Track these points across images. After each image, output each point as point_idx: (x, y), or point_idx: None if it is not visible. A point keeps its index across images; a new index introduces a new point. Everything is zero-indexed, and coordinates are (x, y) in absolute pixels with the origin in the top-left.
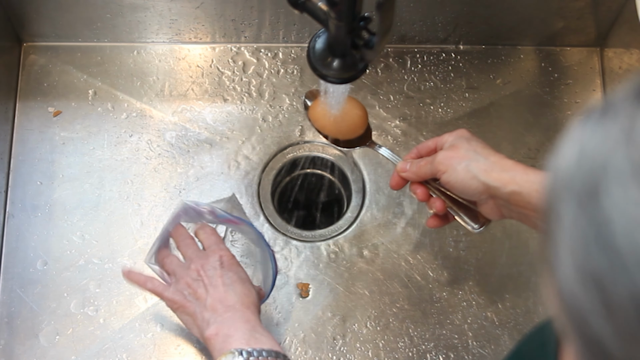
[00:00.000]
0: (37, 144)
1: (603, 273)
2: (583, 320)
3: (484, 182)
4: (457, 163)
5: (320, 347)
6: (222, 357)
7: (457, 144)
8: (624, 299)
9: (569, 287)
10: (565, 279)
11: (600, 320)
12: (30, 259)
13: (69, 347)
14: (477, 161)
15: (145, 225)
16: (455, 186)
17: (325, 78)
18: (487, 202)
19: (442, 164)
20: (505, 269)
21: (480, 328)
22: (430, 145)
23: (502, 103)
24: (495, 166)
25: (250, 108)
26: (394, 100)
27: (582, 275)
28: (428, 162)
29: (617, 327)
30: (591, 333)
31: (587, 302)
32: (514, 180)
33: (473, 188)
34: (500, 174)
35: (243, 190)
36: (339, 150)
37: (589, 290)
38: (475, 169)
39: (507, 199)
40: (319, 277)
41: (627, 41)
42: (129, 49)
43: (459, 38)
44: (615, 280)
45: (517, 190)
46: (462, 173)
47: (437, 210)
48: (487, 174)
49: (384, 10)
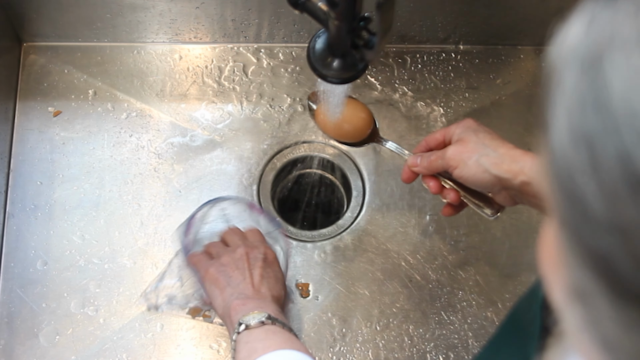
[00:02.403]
0: (37, 144)
1: (595, 133)
2: (570, 178)
3: (496, 175)
4: (467, 158)
5: (320, 347)
6: (249, 314)
7: (465, 137)
8: (611, 158)
9: (561, 146)
10: (559, 139)
11: (586, 178)
12: (30, 259)
13: (69, 347)
14: (487, 154)
15: (145, 225)
16: (468, 180)
17: (325, 78)
18: (500, 192)
19: (453, 159)
20: (505, 269)
21: (480, 328)
22: (439, 137)
23: (502, 103)
24: (505, 158)
25: (250, 108)
26: (394, 100)
27: (575, 136)
28: (439, 157)
29: (601, 184)
30: (577, 191)
31: (576, 160)
32: (523, 171)
33: (485, 181)
34: (510, 165)
35: (243, 190)
36: (339, 151)
37: (579, 149)
38: (486, 162)
39: (518, 189)
40: (319, 277)
41: None
42: (129, 49)
43: (459, 38)
44: (606, 140)
45: (526, 180)
46: (474, 168)
47: (452, 200)
48: (498, 167)
49: (384, 10)
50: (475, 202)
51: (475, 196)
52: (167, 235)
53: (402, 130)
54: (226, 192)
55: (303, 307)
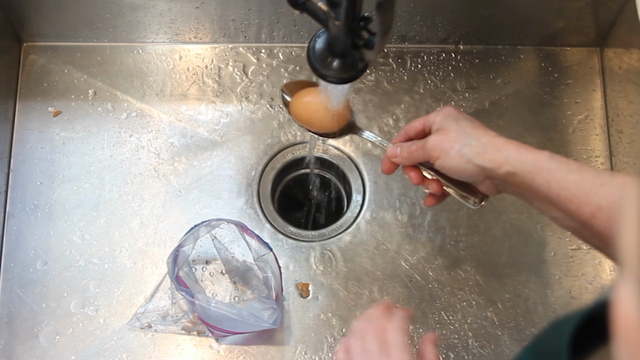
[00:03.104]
0: (37, 144)
1: None
2: None
3: (479, 164)
4: (449, 148)
5: (320, 347)
6: None
7: (446, 126)
8: None
9: None
10: None
11: None
12: (30, 259)
13: (69, 347)
14: (469, 144)
15: (145, 225)
16: (450, 171)
17: (325, 78)
18: (484, 181)
19: (434, 150)
20: (505, 269)
21: (480, 328)
22: (418, 126)
23: (502, 103)
24: (487, 147)
25: (250, 108)
26: (394, 100)
27: None
28: (419, 147)
29: None
30: None
31: None
32: (508, 161)
33: (469, 172)
34: (494, 154)
35: (243, 190)
36: (339, 151)
37: None
38: (469, 152)
39: (502, 179)
40: (319, 277)
41: (627, 41)
42: (129, 49)
43: (459, 38)
44: None
45: (511, 170)
46: (456, 158)
47: (434, 191)
48: (481, 157)
49: (384, 10)
50: (458, 191)
51: (458, 186)
52: (167, 235)
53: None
54: (226, 192)
55: (303, 307)
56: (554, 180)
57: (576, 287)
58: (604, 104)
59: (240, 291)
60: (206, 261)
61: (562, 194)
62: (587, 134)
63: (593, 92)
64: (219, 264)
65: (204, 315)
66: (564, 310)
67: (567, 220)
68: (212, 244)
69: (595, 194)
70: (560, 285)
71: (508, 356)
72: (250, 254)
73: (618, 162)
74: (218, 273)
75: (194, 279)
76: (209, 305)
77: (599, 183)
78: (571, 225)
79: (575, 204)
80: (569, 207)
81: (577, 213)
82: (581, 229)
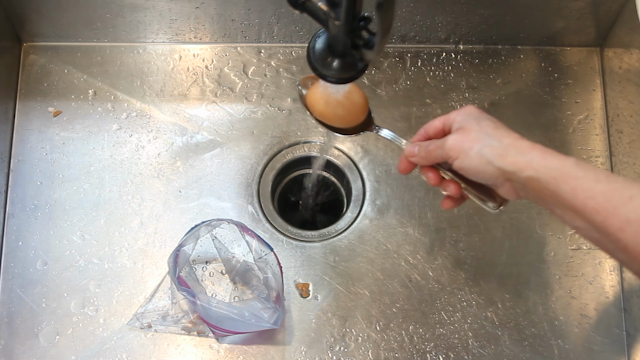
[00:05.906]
0: (37, 144)
1: None
2: None
3: (499, 167)
4: (469, 148)
5: (320, 347)
6: None
7: (466, 126)
8: None
9: None
10: None
11: None
12: (30, 259)
13: (69, 347)
14: (490, 145)
15: (145, 225)
16: (469, 172)
17: (325, 78)
18: (504, 185)
19: (453, 150)
20: (505, 269)
21: (480, 328)
22: (438, 125)
23: (502, 103)
24: (510, 149)
25: (250, 108)
26: (394, 100)
27: None
28: (438, 146)
29: None
30: None
31: None
32: (531, 165)
33: (488, 174)
34: (516, 157)
35: (243, 190)
36: (339, 151)
37: None
38: (489, 153)
39: (524, 183)
40: (319, 277)
41: (627, 41)
42: (129, 49)
43: (459, 38)
44: None
45: (534, 176)
46: (476, 159)
47: (452, 193)
48: (503, 159)
49: (384, 10)
50: (477, 194)
51: (476, 188)
52: (167, 235)
53: (402, 130)
54: (226, 192)
55: (303, 307)
56: (581, 189)
57: (576, 287)
58: (604, 104)
59: (240, 291)
60: (206, 261)
61: (589, 204)
62: (587, 134)
63: (593, 92)
64: (219, 263)
65: (205, 315)
66: (564, 310)
67: (591, 232)
68: (212, 244)
69: (624, 206)
70: (560, 285)
71: (508, 356)
72: (251, 254)
73: (618, 162)
74: (218, 273)
75: (195, 279)
76: (211, 305)
77: (628, 195)
78: (595, 237)
79: (602, 216)
80: (595, 218)
81: (603, 225)
82: (605, 242)
